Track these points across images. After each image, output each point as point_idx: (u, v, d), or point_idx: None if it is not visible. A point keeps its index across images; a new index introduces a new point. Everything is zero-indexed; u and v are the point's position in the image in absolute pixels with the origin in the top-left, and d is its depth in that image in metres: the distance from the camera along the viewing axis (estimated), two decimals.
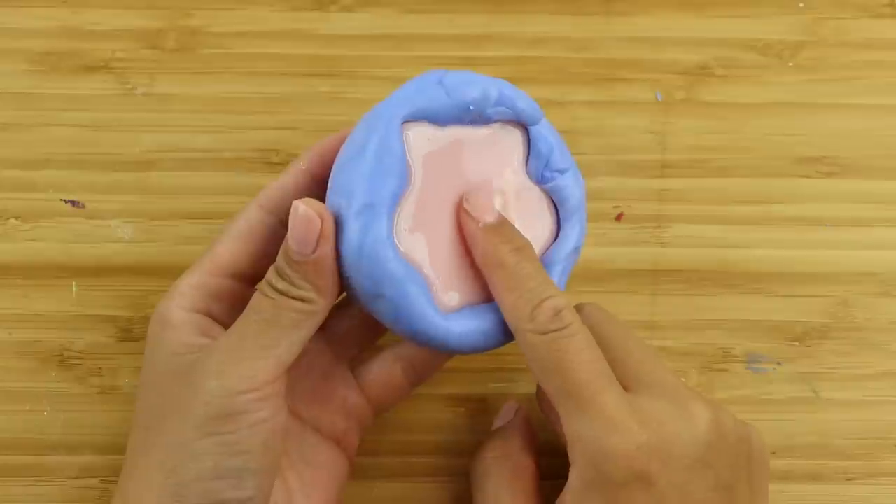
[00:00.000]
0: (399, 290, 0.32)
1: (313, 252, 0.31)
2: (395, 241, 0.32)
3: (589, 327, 0.34)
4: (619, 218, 0.43)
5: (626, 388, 0.33)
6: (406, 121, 0.33)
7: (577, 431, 0.31)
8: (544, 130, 0.35)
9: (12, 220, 0.42)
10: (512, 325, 0.33)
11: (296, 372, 0.36)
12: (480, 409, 0.41)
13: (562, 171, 0.35)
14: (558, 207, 0.36)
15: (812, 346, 0.42)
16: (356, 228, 0.32)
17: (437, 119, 0.33)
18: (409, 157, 0.33)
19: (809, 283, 0.42)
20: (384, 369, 0.38)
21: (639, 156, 0.43)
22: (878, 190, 0.43)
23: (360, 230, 0.31)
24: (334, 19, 0.44)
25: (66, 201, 0.42)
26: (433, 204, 0.33)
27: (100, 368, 0.41)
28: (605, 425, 0.31)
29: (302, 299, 0.31)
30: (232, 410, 0.30)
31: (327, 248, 0.31)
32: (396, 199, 0.32)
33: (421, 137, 0.33)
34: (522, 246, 0.33)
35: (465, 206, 0.33)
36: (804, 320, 0.42)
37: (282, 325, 0.31)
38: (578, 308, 0.35)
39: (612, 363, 0.33)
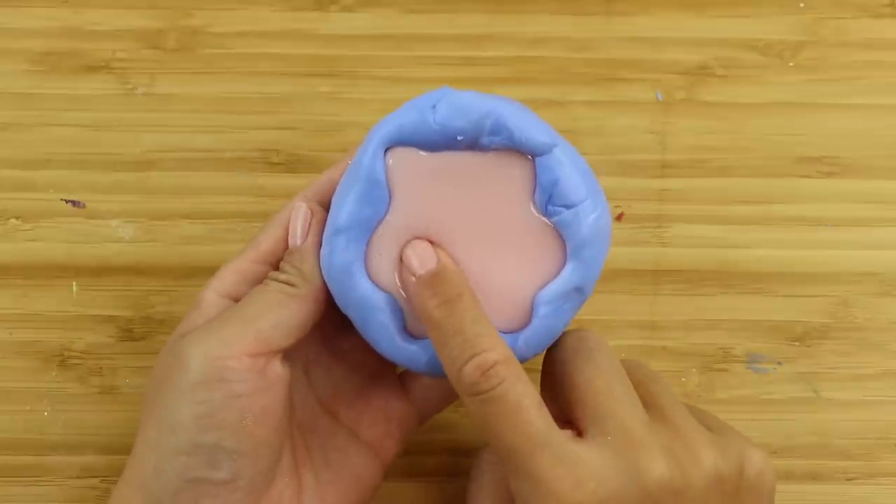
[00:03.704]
0: (361, 315, 0.33)
1: (301, 242, 0.34)
2: (367, 265, 0.33)
3: (561, 359, 0.33)
4: (619, 218, 0.43)
5: (581, 431, 0.31)
6: (393, 145, 0.33)
7: (515, 489, 0.31)
8: (552, 161, 0.32)
9: (12, 220, 0.42)
10: (449, 379, 0.32)
11: (342, 372, 0.37)
12: None
13: (568, 206, 0.32)
14: (566, 243, 0.33)
15: (812, 346, 0.42)
16: (328, 251, 0.33)
17: (426, 146, 0.33)
18: (390, 183, 0.33)
19: (809, 283, 0.42)
20: None
21: (639, 156, 0.43)
22: (878, 190, 0.43)
23: (329, 254, 0.33)
24: (334, 19, 0.44)
25: (67, 201, 0.42)
26: (420, 228, 0.33)
27: (100, 368, 0.41)
28: (536, 489, 0.30)
29: (287, 282, 0.33)
30: (208, 377, 0.31)
31: (312, 239, 0.34)
32: (370, 226, 0.33)
33: (408, 163, 0.33)
34: (454, 297, 0.31)
35: (403, 256, 0.32)
36: (804, 320, 0.42)
37: (264, 302, 0.33)
38: (563, 336, 0.34)
39: (573, 403, 0.32)
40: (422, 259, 0.32)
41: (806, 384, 0.42)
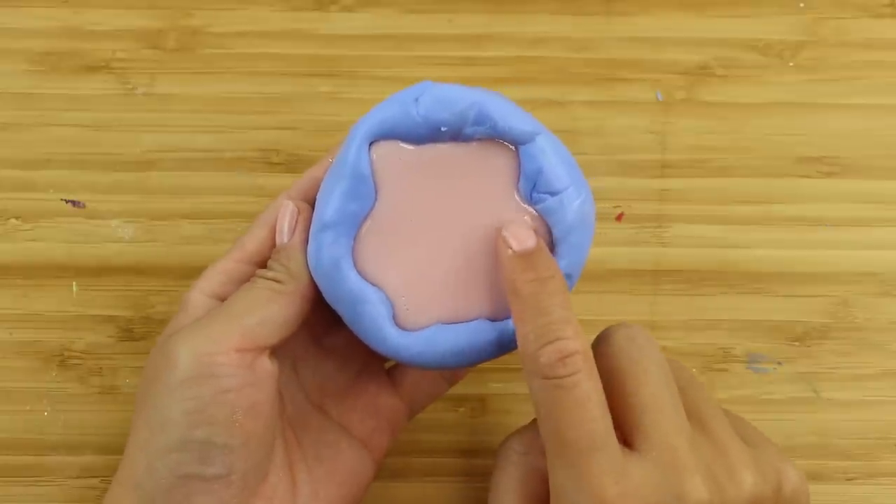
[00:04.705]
0: (350, 309, 0.33)
1: (288, 240, 0.34)
2: (355, 259, 0.33)
3: (609, 358, 0.32)
4: (619, 218, 0.43)
5: (627, 440, 0.31)
6: (377, 139, 0.33)
7: (557, 483, 0.31)
8: (535, 150, 0.33)
9: (12, 220, 0.42)
10: (520, 358, 0.31)
11: (330, 368, 0.37)
12: (480, 409, 0.42)
13: (553, 193, 0.33)
14: (552, 230, 0.33)
15: (812, 346, 0.42)
16: (315, 247, 0.33)
17: (410, 138, 0.33)
18: (376, 177, 0.33)
19: (809, 283, 0.42)
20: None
21: (639, 156, 0.43)
22: (878, 190, 0.43)
23: (317, 250, 0.33)
24: (334, 19, 0.44)
25: (67, 201, 0.42)
26: (407, 221, 0.33)
27: (100, 368, 0.41)
28: (580, 488, 0.30)
29: (274, 279, 0.33)
30: (196, 373, 0.31)
31: (299, 236, 0.34)
32: (357, 220, 0.33)
33: (392, 156, 0.33)
34: (546, 278, 0.31)
35: (503, 232, 0.32)
36: (804, 320, 0.42)
37: (252, 299, 0.33)
38: (611, 331, 0.34)
39: (620, 408, 0.31)
40: (521, 238, 0.32)
41: (806, 384, 0.42)
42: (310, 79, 0.43)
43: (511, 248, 0.32)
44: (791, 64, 0.44)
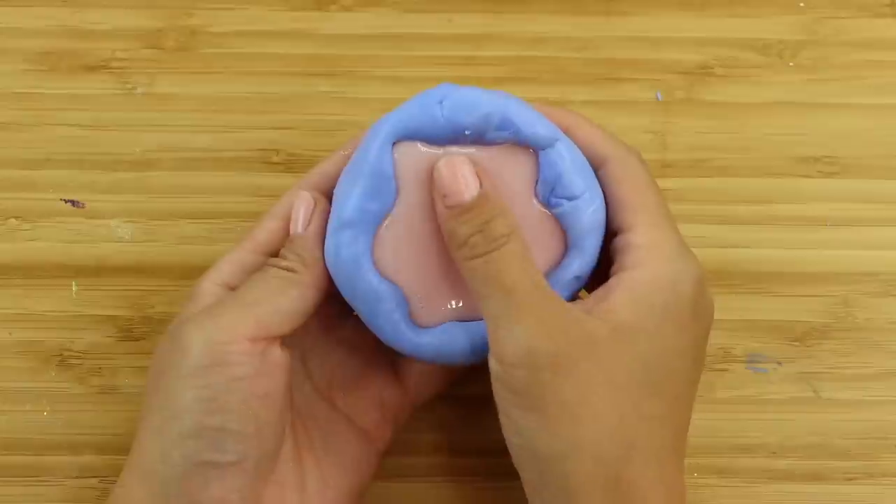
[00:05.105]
0: (368, 307, 0.33)
1: (304, 230, 0.34)
2: (374, 257, 0.33)
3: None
4: None
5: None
6: (400, 139, 0.33)
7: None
8: (554, 155, 0.34)
9: (12, 220, 0.42)
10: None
11: (337, 360, 0.37)
12: (480, 409, 0.41)
13: (570, 198, 0.34)
14: (566, 234, 0.34)
15: (812, 346, 0.42)
16: (333, 244, 0.33)
17: (433, 140, 0.33)
18: (397, 177, 0.33)
19: (809, 283, 0.42)
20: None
21: None
22: (878, 190, 0.43)
23: (335, 247, 0.33)
24: (334, 19, 0.44)
25: (66, 201, 0.42)
26: (424, 221, 0.33)
27: (100, 368, 0.41)
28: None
29: (287, 269, 0.33)
30: (210, 361, 0.31)
31: (314, 227, 0.34)
32: (377, 219, 0.33)
33: (414, 156, 0.33)
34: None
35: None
36: (804, 320, 0.42)
37: (264, 288, 0.33)
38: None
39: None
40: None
41: (806, 384, 0.42)
42: (309, 79, 0.43)
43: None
44: (791, 64, 0.44)
